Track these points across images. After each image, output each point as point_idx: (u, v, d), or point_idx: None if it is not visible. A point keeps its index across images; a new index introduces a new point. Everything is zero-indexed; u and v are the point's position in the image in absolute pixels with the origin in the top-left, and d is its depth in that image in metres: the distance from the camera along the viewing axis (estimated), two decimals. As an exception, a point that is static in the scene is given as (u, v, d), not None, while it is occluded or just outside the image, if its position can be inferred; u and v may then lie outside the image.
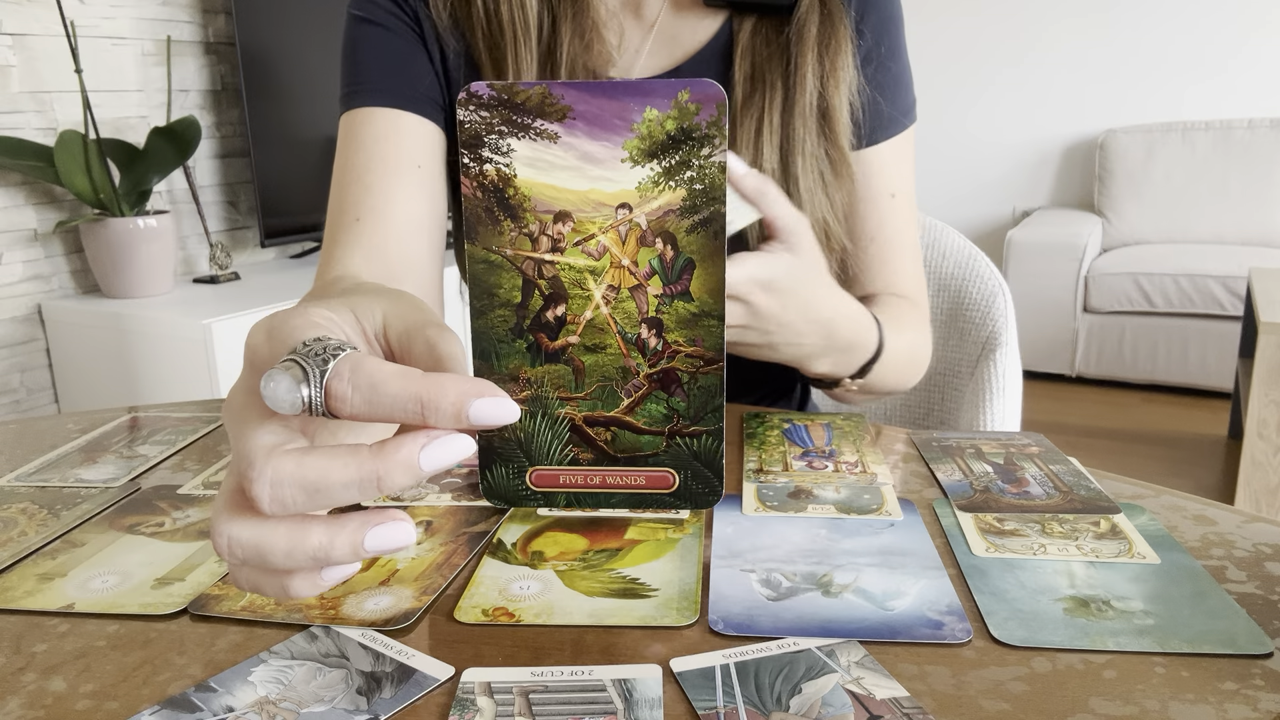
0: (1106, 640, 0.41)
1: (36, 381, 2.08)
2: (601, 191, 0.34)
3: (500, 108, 0.33)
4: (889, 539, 0.50)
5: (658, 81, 0.33)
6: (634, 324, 0.35)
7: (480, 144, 0.33)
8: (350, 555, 0.32)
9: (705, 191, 0.34)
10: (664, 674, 0.39)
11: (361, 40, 0.75)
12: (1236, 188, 3.30)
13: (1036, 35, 3.68)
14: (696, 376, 0.35)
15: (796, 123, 0.72)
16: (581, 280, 0.34)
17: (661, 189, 0.34)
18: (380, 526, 0.32)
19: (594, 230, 0.34)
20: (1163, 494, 0.56)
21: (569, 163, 0.33)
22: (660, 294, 0.35)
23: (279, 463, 0.31)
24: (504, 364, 0.35)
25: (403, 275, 0.69)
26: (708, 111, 0.33)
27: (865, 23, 0.75)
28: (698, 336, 0.35)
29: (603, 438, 0.35)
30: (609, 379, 0.35)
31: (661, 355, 0.35)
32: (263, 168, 2.23)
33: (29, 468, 0.64)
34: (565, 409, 0.35)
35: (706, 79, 0.33)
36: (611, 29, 0.75)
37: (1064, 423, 2.97)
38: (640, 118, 0.33)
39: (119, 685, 0.39)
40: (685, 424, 0.35)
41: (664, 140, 0.33)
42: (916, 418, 1.02)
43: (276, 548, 0.31)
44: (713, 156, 0.33)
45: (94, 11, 2.08)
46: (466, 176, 0.34)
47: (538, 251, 0.34)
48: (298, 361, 0.31)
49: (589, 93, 0.33)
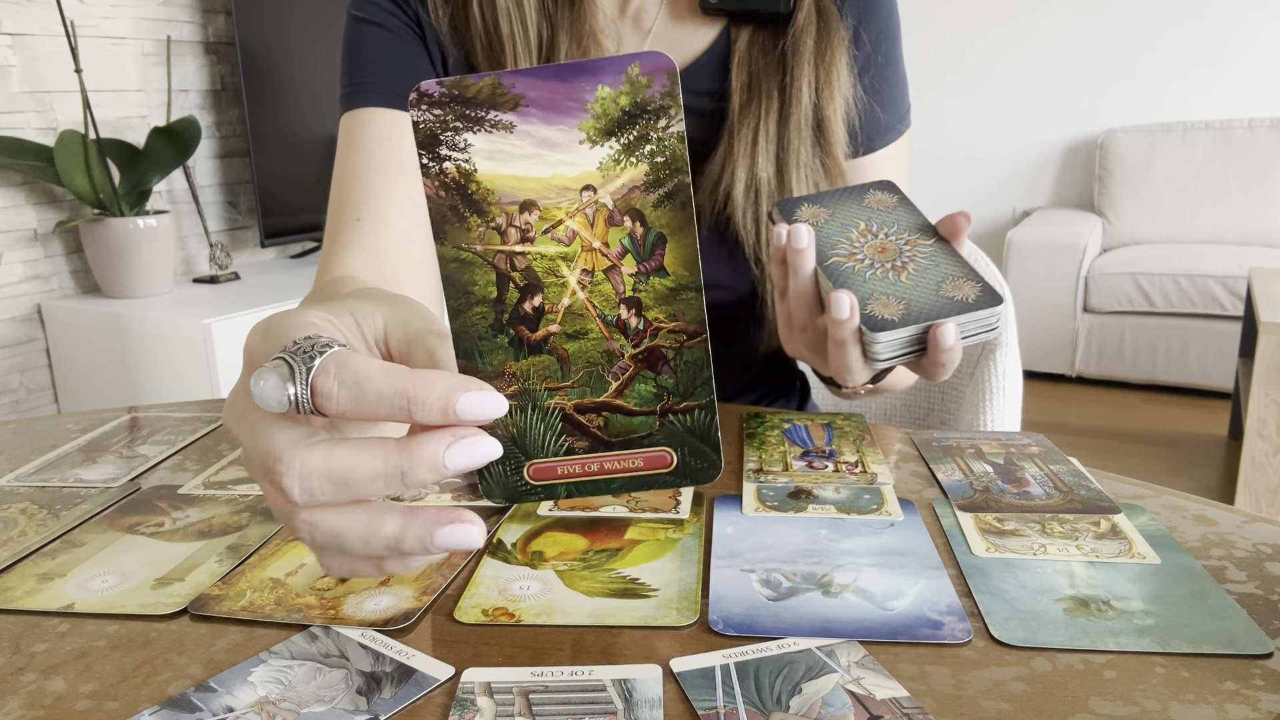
0: (1106, 640, 0.41)
1: (36, 381, 2.08)
2: (564, 176, 0.33)
3: (452, 104, 0.33)
4: (889, 539, 0.50)
5: (606, 59, 0.32)
6: (612, 306, 0.34)
7: (437, 142, 0.33)
8: (419, 548, 0.33)
9: (667, 164, 0.33)
10: (664, 674, 0.39)
11: (362, 41, 0.75)
12: (1236, 188, 3.30)
13: (1037, 35, 3.68)
14: (681, 351, 0.35)
15: (791, 133, 0.72)
16: (555, 268, 0.34)
17: (623, 166, 0.33)
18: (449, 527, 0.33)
19: (561, 216, 0.34)
20: (1163, 494, 0.56)
21: (527, 151, 0.33)
22: (635, 272, 0.34)
23: (306, 455, 0.31)
24: (488, 361, 0.35)
25: (403, 276, 0.70)
26: (660, 83, 0.32)
27: (863, 31, 0.75)
28: (678, 311, 0.34)
29: (595, 424, 0.35)
30: (594, 364, 0.35)
31: (644, 334, 0.35)
32: (263, 168, 2.23)
33: (29, 468, 0.64)
34: (554, 399, 0.35)
35: (655, 50, 0.33)
36: (609, 36, 0.75)
37: (1064, 423, 2.97)
38: (593, 97, 0.33)
39: (119, 685, 0.39)
40: (676, 400, 0.35)
41: (619, 117, 0.33)
42: (916, 418, 1.02)
43: (354, 534, 0.33)
44: (670, 127, 0.33)
45: (94, 11, 2.08)
46: (427, 176, 0.33)
47: (507, 244, 0.34)
48: (285, 359, 0.31)
49: (539, 78, 0.33)
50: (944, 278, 0.51)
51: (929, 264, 0.52)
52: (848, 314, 0.50)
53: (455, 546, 0.33)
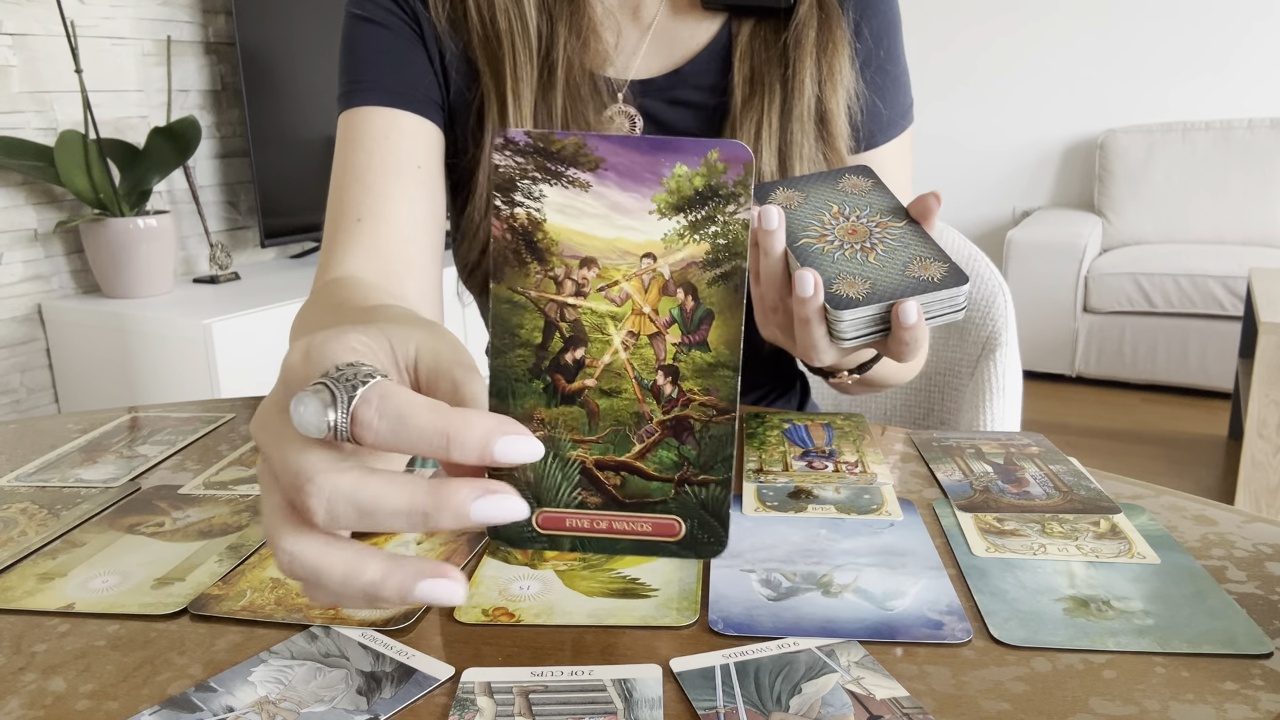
0: (1106, 640, 0.41)
1: (36, 381, 2.08)
2: (628, 240, 0.35)
3: (535, 154, 0.34)
4: (889, 539, 0.50)
5: (689, 140, 0.34)
6: (650, 370, 0.35)
7: (513, 188, 0.34)
8: (396, 598, 0.32)
9: (728, 246, 0.35)
10: (664, 674, 0.39)
11: (361, 39, 0.75)
12: (1236, 188, 3.30)
13: (1037, 35, 3.68)
14: (709, 425, 0.36)
15: (794, 126, 0.72)
16: (602, 325, 0.35)
17: (686, 241, 0.35)
18: (431, 581, 0.32)
19: (618, 277, 0.35)
20: (1163, 494, 0.56)
21: (598, 211, 0.34)
22: (678, 343, 0.35)
23: (338, 479, 0.31)
24: (520, 403, 0.35)
25: (403, 276, 0.69)
26: (734, 171, 0.34)
27: (864, 26, 0.75)
28: (712, 386, 0.35)
29: (612, 482, 0.36)
30: (622, 424, 0.36)
31: (676, 402, 0.36)
32: (263, 168, 2.23)
33: (29, 468, 0.64)
34: (577, 451, 0.36)
35: (736, 140, 0.35)
36: (608, 28, 0.75)
37: (1064, 423, 2.97)
38: (670, 172, 0.34)
39: (119, 685, 0.39)
40: (695, 472, 0.36)
41: (691, 195, 0.34)
42: (916, 418, 1.02)
43: (334, 574, 0.32)
44: (737, 214, 0.34)
45: (94, 11, 2.08)
46: (497, 218, 0.34)
47: (561, 295, 0.35)
48: (328, 385, 0.31)
49: (622, 146, 0.34)
50: (911, 258, 0.52)
51: (898, 245, 0.53)
52: (811, 291, 0.51)
53: (434, 602, 0.32)
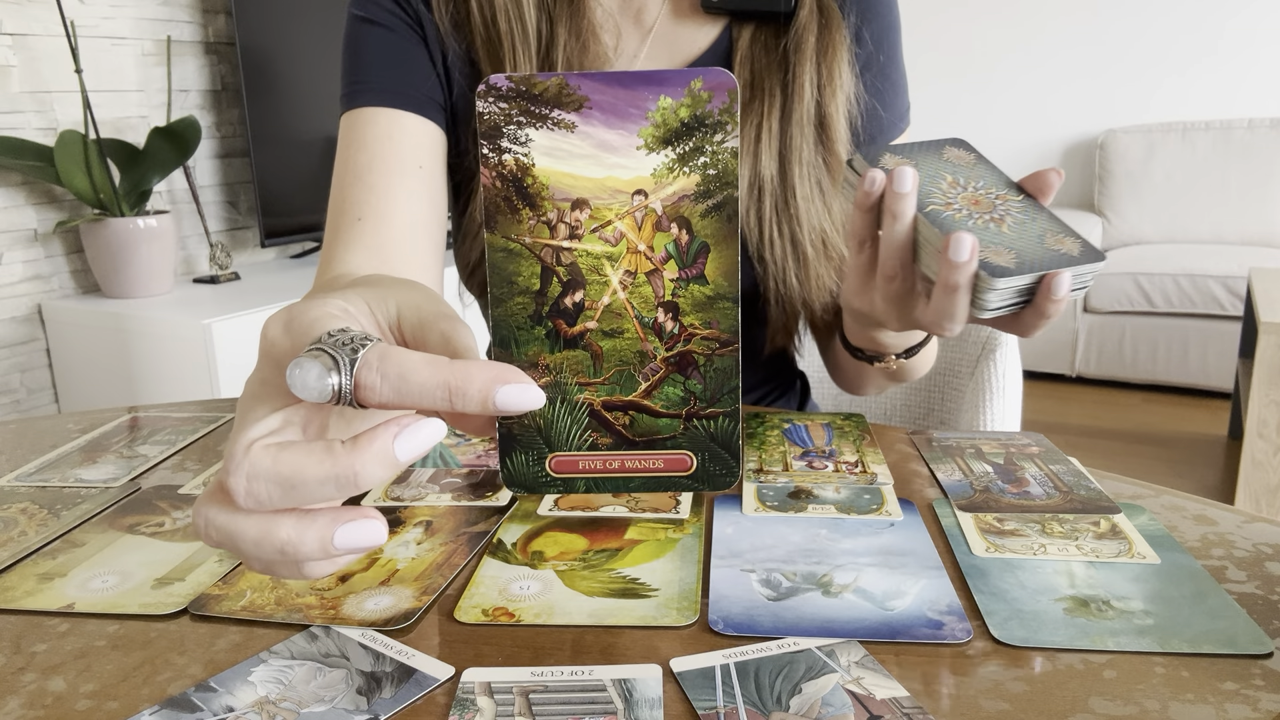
0: (1106, 640, 0.41)
1: (36, 381, 2.08)
2: (617, 179, 0.34)
3: (518, 99, 0.34)
4: (889, 539, 0.50)
5: (671, 71, 0.34)
6: (650, 308, 0.35)
7: (499, 134, 0.34)
8: (319, 551, 0.32)
9: (719, 176, 0.34)
10: (664, 674, 0.39)
11: (363, 40, 0.75)
12: (1236, 188, 3.30)
13: (1036, 35, 3.68)
14: (712, 359, 0.36)
15: (794, 130, 0.73)
16: (599, 266, 0.35)
17: (676, 175, 0.34)
18: (350, 524, 0.32)
19: (610, 217, 0.35)
20: (1163, 494, 0.56)
21: (586, 151, 0.34)
22: (676, 278, 0.35)
23: (256, 458, 0.31)
24: (523, 351, 0.36)
25: (404, 275, 0.70)
26: (720, 99, 0.34)
27: (865, 30, 0.75)
28: (713, 319, 0.35)
29: (621, 422, 0.36)
30: (627, 363, 0.36)
31: (678, 338, 0.36)
32: (263, 168, 2.23)
33: (29, 468, 0.64)
34: (584, 394, 0.36)
35: (719, 67, 0.34)
36: (608, 30, 0.75)
37: (1064, 423, 2.97)
38: (655, 106, 0.34)
39: (119, 685, 0.39)
40: (702, 406, 0.36)
41: (678, 128, 0.34)
42: (916, 418, 1.02)
43: (246, 536, 0.32)
44: (725, 142, 0.34)
45: (94, 11, 2.08)
46: (486, 166, 0.34)
47: (555, 239, 0.35)
48: (326, 350, 0.31)
49: (605, 83, 0.34)
50: (1044, 231, 0.51)
51: (1025, 218, 0.52)
52: (967, 256, 0.48)
53: (358, 545, 0.32)
